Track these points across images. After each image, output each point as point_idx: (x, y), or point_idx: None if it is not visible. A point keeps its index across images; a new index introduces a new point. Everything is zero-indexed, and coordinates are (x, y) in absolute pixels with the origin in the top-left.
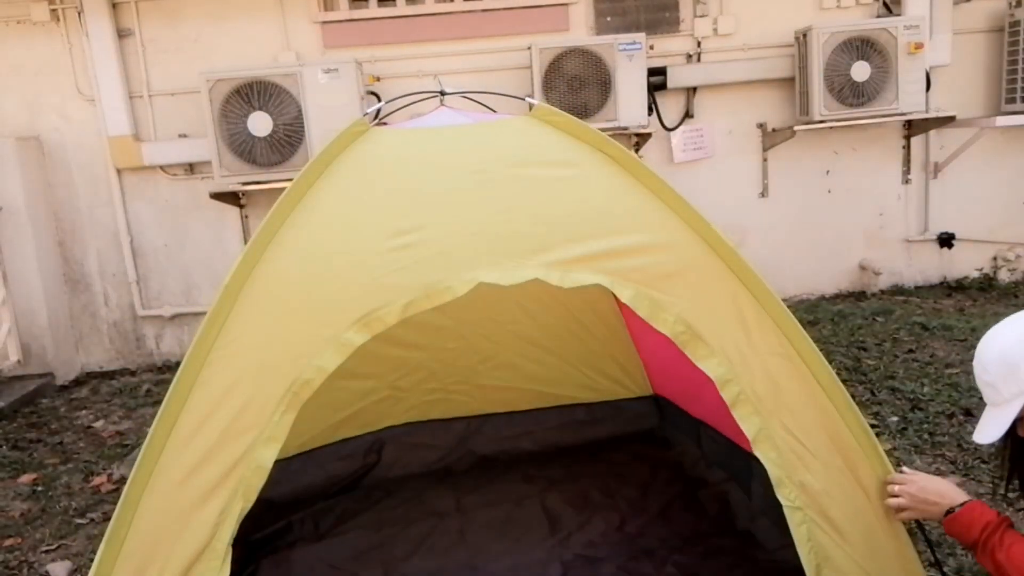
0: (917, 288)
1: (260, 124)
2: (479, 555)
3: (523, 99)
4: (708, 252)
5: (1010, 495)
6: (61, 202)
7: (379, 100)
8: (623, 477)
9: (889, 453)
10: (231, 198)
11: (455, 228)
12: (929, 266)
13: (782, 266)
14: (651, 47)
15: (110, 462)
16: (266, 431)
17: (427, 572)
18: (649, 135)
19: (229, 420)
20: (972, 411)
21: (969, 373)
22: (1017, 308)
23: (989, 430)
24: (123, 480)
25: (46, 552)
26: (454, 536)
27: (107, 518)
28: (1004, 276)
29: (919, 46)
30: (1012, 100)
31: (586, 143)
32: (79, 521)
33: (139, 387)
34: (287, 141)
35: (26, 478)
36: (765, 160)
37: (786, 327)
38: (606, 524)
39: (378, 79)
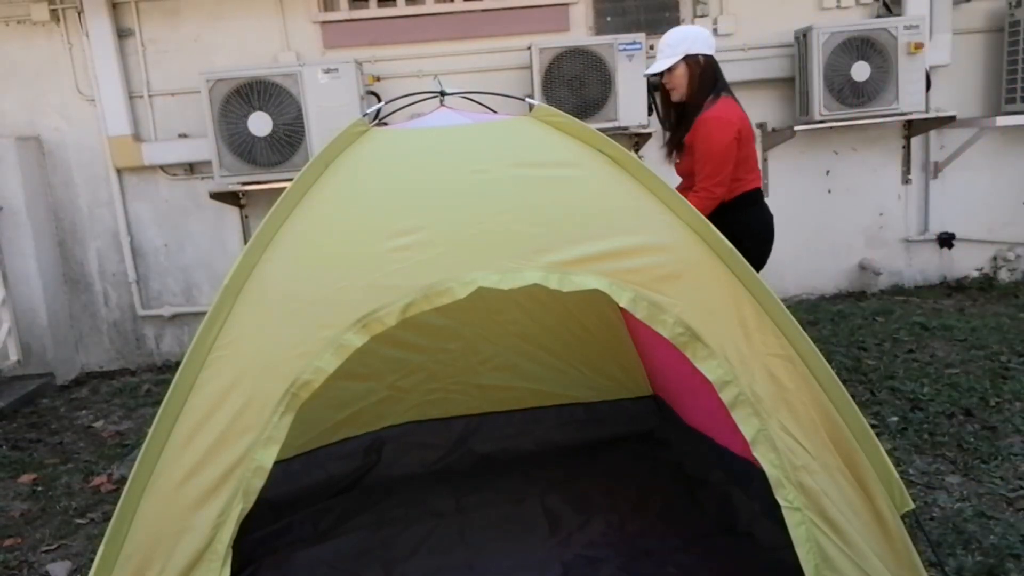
0: (917, 288)
1: (260, 124)
2: (479, 555)
3: (523, 99)
4: (708, 253)
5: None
6: (61, 202)
7: (379, 100)
8: (623, 477)
9: (889, 453)
10: (231, 198)
11: (455, 229)
12: (929, 266)
13: (782, 266)
14: (651, 47)
15: (110, 462)
16: (265, 432)
17: (427, 572)
18: (649, 135)
19: (228, 421)
20: (972, 411)
21: (970, 373)
22: (1017, 308)
23: (656, 66)
24: (123, 480)
25: (46, 552)
26: (454, 536)
27: (107, 518)
28: (1004, 276)
29: (919, 46)
30: (1012, 100)
31: (586, 143)
32: (79, 521)
33: (139, 387)
34: (287, 141)
35: (26, 478)
36: (765, 160)
37: (786, 328)
38: (606, 524)
39: (378, 79)
